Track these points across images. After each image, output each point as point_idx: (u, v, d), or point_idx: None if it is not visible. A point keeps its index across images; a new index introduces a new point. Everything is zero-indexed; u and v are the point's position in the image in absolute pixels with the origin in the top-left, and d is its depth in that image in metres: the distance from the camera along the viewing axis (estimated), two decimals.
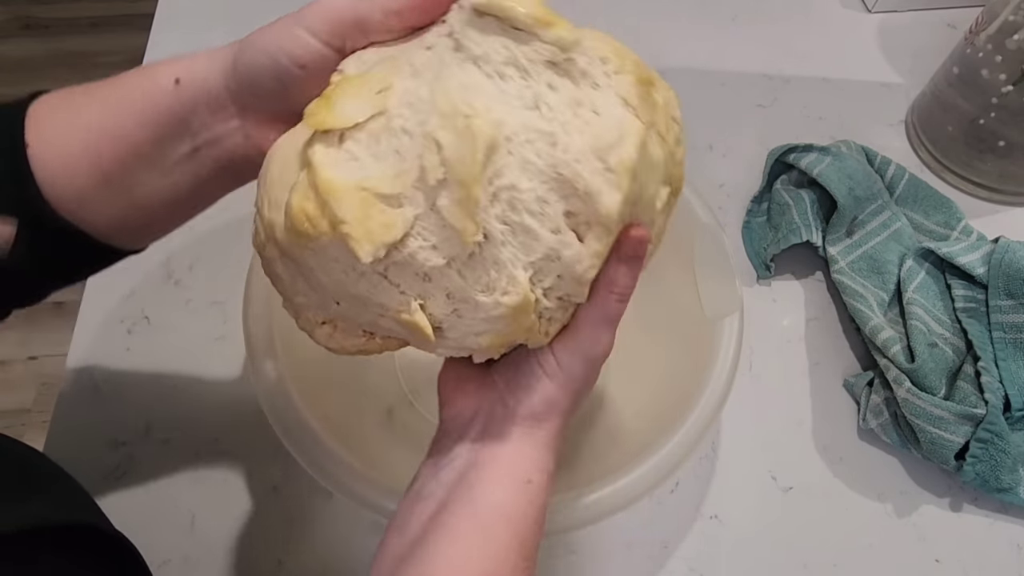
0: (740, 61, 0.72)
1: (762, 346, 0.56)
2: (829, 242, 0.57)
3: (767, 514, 0.50)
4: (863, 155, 0.61)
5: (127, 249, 0.36)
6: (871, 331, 0.52)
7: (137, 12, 1.68)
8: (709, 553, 0.48)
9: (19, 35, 1.75)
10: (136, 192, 0.33)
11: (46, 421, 0.51)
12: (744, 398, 0.53)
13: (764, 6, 0.77)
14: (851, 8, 0.77)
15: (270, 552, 0.47)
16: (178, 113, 0.32)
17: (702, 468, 0.51)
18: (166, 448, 0.50)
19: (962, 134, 0.62)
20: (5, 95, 0.34)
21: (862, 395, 0.53)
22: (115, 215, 0.34)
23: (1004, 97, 0.58)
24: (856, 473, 0.51)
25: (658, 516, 0.49)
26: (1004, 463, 0.47)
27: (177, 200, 0.34)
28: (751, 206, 0.62)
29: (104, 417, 0.51)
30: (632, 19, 0.75)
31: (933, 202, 0.60)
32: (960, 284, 0.54)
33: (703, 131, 0.67)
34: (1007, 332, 0.51)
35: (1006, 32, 0.56)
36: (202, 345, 0.54)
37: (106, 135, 0.32)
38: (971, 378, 0.50)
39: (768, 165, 0.62)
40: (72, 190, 0.32)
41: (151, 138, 0.32)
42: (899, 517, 0.50)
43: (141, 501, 0.48)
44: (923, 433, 0.48)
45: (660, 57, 0.72)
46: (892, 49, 0.74)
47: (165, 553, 0.47)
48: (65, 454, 0.49)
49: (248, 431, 0.50)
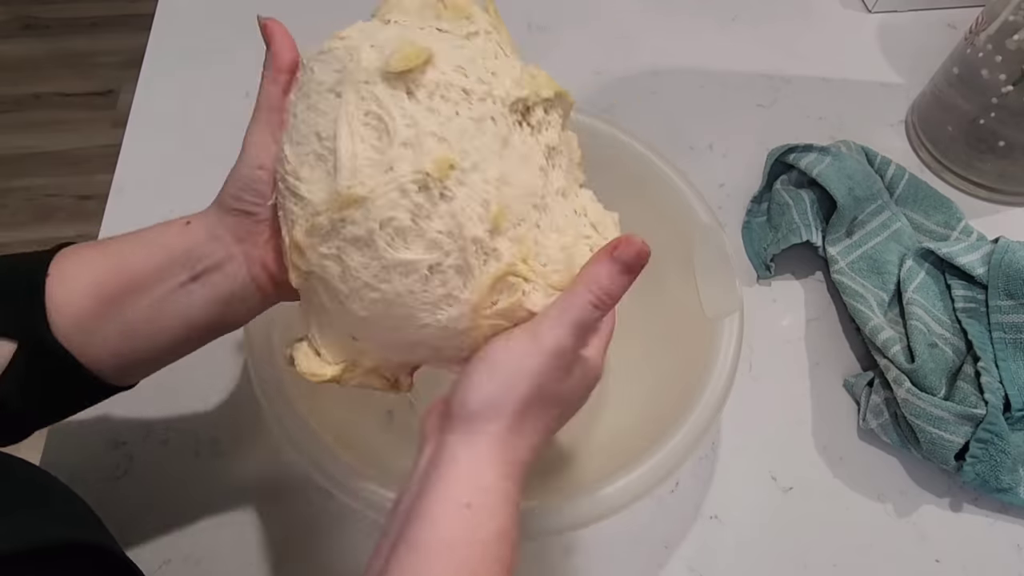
0: (740, 61, 0.72)
1: (762, 346, 0.56)
2: (829, 242, 0.57)
3: (767, 514, 0.50)
4: (863, 155, 0.61)
5: (115, 385, 0.37)
6: (871, 331, 0.52)
7: (137, 12, 1.68)
8: (709, 553, 0.48)
9: (19, 35, 1.75)
10: (132, 322, 0.35)
11: None
12: (744, 398, 0.53)
13: (764, 6, 0.77)
14: (851, 8, 0.77)
15: (270, 552, 0.47)
16: (183, 246, 0.35)
17: (702, 468, 0.51)
18: (166, 448, 0.50)
19: (962, 134, 0.62)
20: (5, 95, 0.34)
21: (862, 395, 0.53)
22: (108, 345, 0.35)
23: (1004, 97, 0.58)
24: (856, 473, 0.51)
25: (658, 516, 0.49)
26: (1004, 463, 0.47)
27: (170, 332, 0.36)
28: (751, 206, 0.62)
29: (104, 417, 0.51)
30: (632, 19, 0.75)
31: (933, 202, 0.60)
32: (960, 284, 0.54)
33: (703, 131, 0.67)
34: (1007, 332, 0.51)
35: (1006, 32, 0.56)
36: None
37: (113, 265, 0.35)
38: (971, 378, 0.50)
39: (768, 165, 0.62)
40: (72, 318, 0.34)
41: (155, 267, 0.35)
42: (899, 517, 0.50)
43: (141, 501, 0.48)
44: (923, 433, 0.48)
45: (660, 57, 0.72)
46: (892, 49, 0.74)
47: (165, 553, 0.47)
48: (65, 455, 0.49)
49: (248, 431, 0.51)
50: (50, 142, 1.60)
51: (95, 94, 1.65)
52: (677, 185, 0.49)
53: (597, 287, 0.31)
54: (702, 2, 0.77)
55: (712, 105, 0.69)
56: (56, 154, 1.58)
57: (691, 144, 0.67)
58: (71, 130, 1.61)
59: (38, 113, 1.63)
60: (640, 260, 0.31)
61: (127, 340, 0.35)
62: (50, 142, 1.60)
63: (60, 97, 1.66)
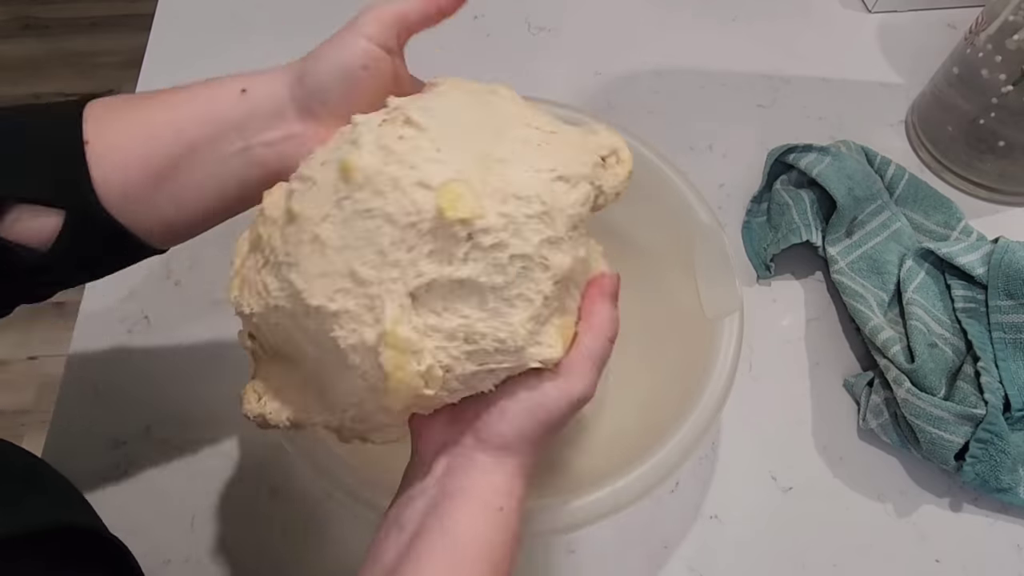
0: (740, 61, 0.72)
1: (762, 346, 0.56)
2: (829, 242, 0.57)
3: (767, 514, 0.50)
4: (863, 155, 0.61)
5: (157, 248, 0.37)
6: (871, 331, 0.52)
7: (137, 12, 1.68)
8: (709, 553, 0.48)
9: (19, 35, 1.75)
10: (183, 191, 0.34)
11: (46, 421, 0.51)
12: (744, 398, 0.53)
13: (764, 6, 0.77)
14: (851, 8, 0.77)
15: (269, 552, 0.47)
16: (238, 116, 0.34)
17: (702, 468, 0.51)
18: (166, 448, 0.50)
19: (962, 134, 0.62)
20: (5, 95, 0.34)
21: (862, 395, 0.53)
22: (159, 215, 0.34)
23: (1004, 97, 0.58)
24: (856, 473, 0.51)
25: (658, 516, 0.49)
26: (1004, 463, 0.47)
27: (222, 200, 0.35)
28: (751, 206, 0.62)
29: (104, 417, 0.51)
30: (632, 19, 0.75)
31: (933, 202, 0.60)
32: (960, 284, 0.54)
33: (703, 131, 0.67)
34: (1007, 332, 0.51)
35: (1006, 32, 0.56)
36: (202, 345, 0.54)
37: (164, 133, 0.34)
38: (971, 378, 0.50)
39: (768, 165, 0.62)
40: (122, 187, 0.33)
41: (207, 136, 0.34)
42: (899, 517, 0.50)
43: (141, 501, 0.48)
44: (923, 433, 0.48)
45: (660, 57, 0.72)
46: (892, 49, 0.74)
47: (165, 553, 0.47)
48: (65, 454, 0.49)
49: (248, 431, 0.50)
50: None
51: (95, 94, 1.64)
52: (677, 185, 0.49)
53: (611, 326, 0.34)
54: (702, 2, 0.77)
55: (712, 105, 0.69)
56: None
57: (691, 144, 0.67)
58: None
59: None
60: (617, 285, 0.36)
61: (178, 208, 0.35)
62: None
63: (60, 97, 1.66)
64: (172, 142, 0.34)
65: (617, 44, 0.73)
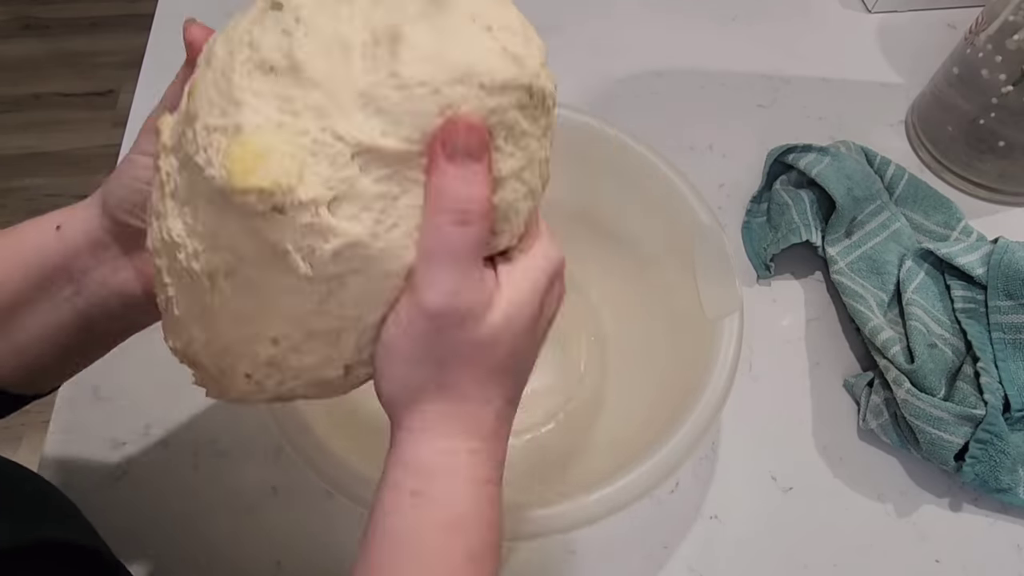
0: (740, 61, 0.72)
1: (762, 346, 0.56)
2: (828, 242, 0.57)
3: (767, 514, 0.50)
4: (863, 155, 0.61)
5: (26, 394, 0.36)
6: (871, 332, 0.52)
7: (137, 12, 1.68)
8: (709, 553, 0.48)
9: (19, 35, 1.75)
10: (20, 336, 0.33)
11: (46, 421, 0.50)
12: (744, 398, 0.53)
13: (764, 6, 0.77)
14: (851, 8, 0.77)
15: (269, 552, 0.47)
16: (60, 258, 0.33)
17: (702, 468, 0.51)
18: (166, 448, 0.50)
19: (962, 134, 0.62)
20: (5, 95, 0.34)
21: (862, 395, 0.53)
22: (3, 361, 0.34)
23: (1004, 97, 0.58)
24: (856, 473, 0.51)
25: (658, 516, 0.49)
26: (1003, 464, 0.47)
27: (67, 342, 0.34)
28: (751, 206, 0.62)
29: (104, 417, 0.51)
30: (632, 19, 0.75)
31: (933, 202, 0.60)
32: (959, 285, 0.54)
33: (703, 131, 0.67)
34: (1006, 333, 0.51)
35: (1006, 32, 0.56)
36: None
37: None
38: (970, 379, 0.50)
39: (767, 165, 0.62)
40: None
41: (34, 285, 0.33)
42: (899, 517, 0.50)
43: (141, 501, 0.48)
44: (923, 434, 0.48)
45: (660, 57, 0.72)
46: (892, 49, 0.74)
47: (165, 553, 0.47)
48: (65, 455, 0.49)
49: (248, 431, 0.50)
50: (50, 142, 1.60)
51: (95, 94, 1.65)
52: (677, 185, 0.49)
53: (445, 200, 0.24)
54: (702, 2, 0.77)
55: (712, 105, 0.69)
56: (56, 154, 1.58)
57: (691, 144, 0.67)
58: (71, 130, 1.61)
59: (38, 113, 1.63)
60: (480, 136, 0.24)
61: (20, 357, 0.34)
62: (50, 142, 1.60)
63: (60, 97, 1.66)
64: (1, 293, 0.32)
65: (617, 44, 0.73)
